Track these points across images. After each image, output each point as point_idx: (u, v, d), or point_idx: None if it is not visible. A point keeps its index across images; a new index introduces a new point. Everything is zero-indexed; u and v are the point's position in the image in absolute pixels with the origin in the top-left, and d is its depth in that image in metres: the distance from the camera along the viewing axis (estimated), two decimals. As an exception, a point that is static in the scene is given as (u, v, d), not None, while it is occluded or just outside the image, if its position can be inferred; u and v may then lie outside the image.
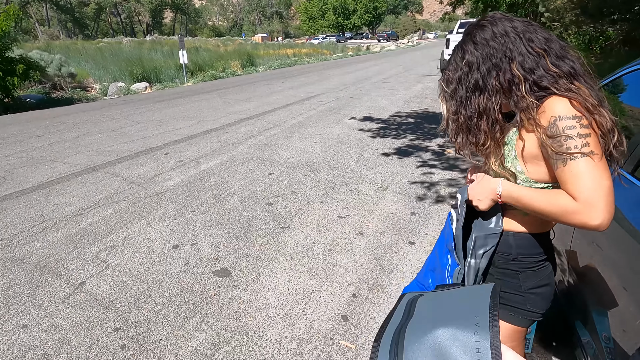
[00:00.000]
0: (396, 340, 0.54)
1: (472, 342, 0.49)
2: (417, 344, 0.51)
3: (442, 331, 0.51)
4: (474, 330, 0.50)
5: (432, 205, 3.84)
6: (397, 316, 0.62)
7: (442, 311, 0.58)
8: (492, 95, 1.06)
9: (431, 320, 0.55)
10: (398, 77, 14.59)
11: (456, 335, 0.50)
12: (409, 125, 7.04)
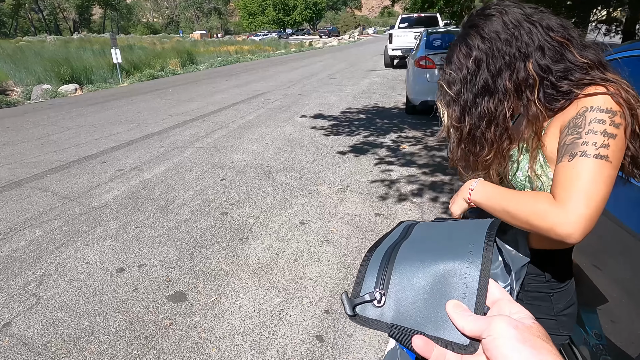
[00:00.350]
0: (389, 255, 0.52)
1: (462, 267, 0.46)
2: (408, 261, 0.49)
3: (434, 253, 0.50)
4: (467, 258, 0.47)
5: (395, 204, 3.72)
6: (393, 236, 0.59)
7: (438, 237, 0.56)
8: (505, 99, 0.89)
9: (426, 242, 0.54)
10: (344, 72, 14.56)
11: (447, 258, 0.48)
12: (361, 122, 6.94)
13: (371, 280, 0.49)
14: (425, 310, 0.45)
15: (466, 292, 0.44)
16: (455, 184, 4.11)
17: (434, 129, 6.29)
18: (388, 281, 0.48)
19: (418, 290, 0.46)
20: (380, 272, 0.49)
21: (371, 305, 0.47)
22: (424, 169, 4.59)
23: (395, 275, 0.48)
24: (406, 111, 7.38)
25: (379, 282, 0.48)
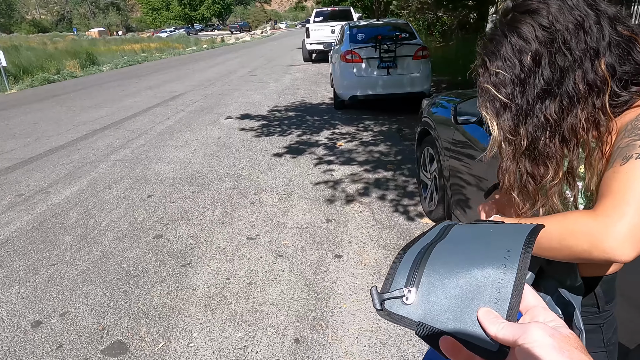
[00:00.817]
0: (422, 254, 0.51)
1: (497, 272, 0.45)
2: (441, 262, 0.48)
3: (469, 256, 0.48)
4: (502, 263, 0.46)
5: (344, 207, 3.57)
6: (429, 236, 0.58)
7: (474, 239, 0.53)
8: (574, 104, 0.73)
9: (461, 244, 0.53)
10: (263, 69, 14.17)
11: (482, 261, 0.46)
12: (292, 120, 6.71)
13: (402, 278, 0.48)
14: (456, 312, 0.44)
15: (499, 298, 0.43)
16: (399, 179, 4.07)
17: (365, 123, 6.26)
18: (419, 280, 0.47)
19: (449, 291, 0.45)
20: (412, 270, 0.48)
21: (400, 301, 0.46)
22: (365, 165, 4.50)
23: (428, 274, 0.47)
24: (335, 106, 7.29)
25: (410, 280, 0.47)
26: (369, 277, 2.59)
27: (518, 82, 0.74)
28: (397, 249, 2.88)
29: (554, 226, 0.73)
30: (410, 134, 5.58)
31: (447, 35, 13.08)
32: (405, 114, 6.64)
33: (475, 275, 0.45)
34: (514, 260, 0.46)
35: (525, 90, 0.74)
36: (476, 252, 0.49)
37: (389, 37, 6.40)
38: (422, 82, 6.39)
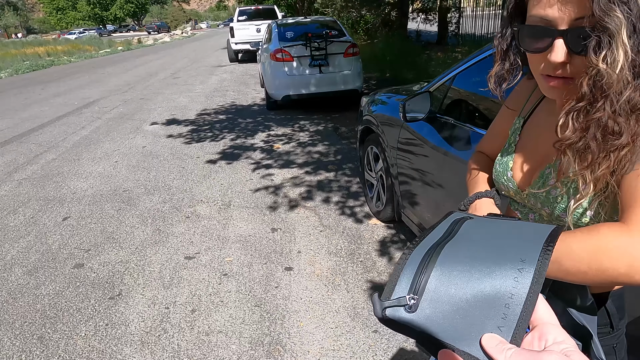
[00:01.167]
0: (429, 254, 0.48)
1: (508, 285, 0.42)
2: (449, 268, 0.46)
3: (479, 263, 0.45)
4: (515, 276, 0.43)
5: (289, 213, 3.37)
6: (439, 230, 0.55)
7: (487, 242, 0.50)
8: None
9: (472, 247, 0.49)
10: (187, 70, 13.47)
11: (492, 273, 0.44)
12: (223, 123, 6.36)
13: (406, 283, 0.46)
14: (460, 324, 0.43)
15: (507, 314, 0.42)
16: (342, 180, 3.96)
17: (301, 123, 6.10)
18: (424, 286, 0.45)
19: (455, 301, 0.43)
20: (417, 274, 0.46)
21: (402, 309, 0.44)
22: (305, 168, 4.33)
23: (433, 280, 0.45)
24: (268, 107, 7.05)
25: (414, 286, 0.45)
26: (324, 288, 2.43)
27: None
28: (349, 254, 2.75)
29: (579, 244, 0.60)
30: (348, 132, 5.52)
31: (372, 33, 13.34)
32: (339, 112, 6.59)
33: (484, 287, 0.43)
34: (527, 272, 0.43)
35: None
36: (487, 261, 0.46)
37: (319, 35, 6.29)
38: (355, 80, 6.37)
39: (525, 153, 0.83)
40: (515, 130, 0.88)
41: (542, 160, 0.79)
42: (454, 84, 2.18)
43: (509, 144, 0.88)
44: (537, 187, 0.77)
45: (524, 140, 0.85)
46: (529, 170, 0.81)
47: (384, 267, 2.61)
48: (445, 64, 8.35)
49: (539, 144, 0.81)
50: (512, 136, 0.88)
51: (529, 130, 0.85)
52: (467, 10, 12.99)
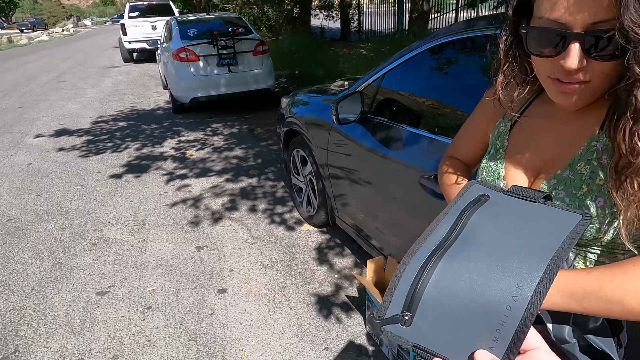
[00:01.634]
0: (428, 262, 0.47)
1: (503, 304, 0.42)
2: (447, 279, 0.45)
3: (479, 276, 0.44)
4: (513, 294, 0.42)
5: (213, 227, 3.11)
6: (442, 228, 0.52)
7: (492, 246, 0.47)
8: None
9: (474, 252, 0.47)
10: (74, 73, 12.05)
11: (491, 289, 0.43)
12: (125, 131, 5.75)
13: (400, 298, 0.46)
14: (454, 338, 0.43)
15: (499, 335, 0.41)
16: (266, 185, 3.77)
17: (213, 126, 5.75)
18: (419, 299, 0.45)
19: (451, 314, 0.43)
20: (413, 287, 0.46)
21: (399, 324, 0.45)
22: (225, 175, 4.06)
23: (430, 292, 0.45)
24: (174, 111, 6.54)
25: (409, 300, 0.45)
26: (264, 308, 2.25)
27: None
28: (285, 267, 2.60)
29: (613, 284, 0.54)
30: (265, 134, 5.32)
31: (276, 30, 13.18)
32: (252, 112, 6.35)
33: (480, 304, 0.43)
34: (527, 289, 0.42)
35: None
36: (489, 272, 0.45)
37: (226, 33, 5.97)
38: (266, 78, 6.17)
39: (519, 160, 0.75)
40: (501, 135, 0.80)
41: (541, 169, 0.73)
42: (383, 84, 2.12)
43: (496, 150, 0.80)
44: None
45: (516, 145, 0.77)
46: (525, 180, 0.74)
47: (324, 275, 2.50)
48: (352, 59, 8.51)
49: (536, 151, 0.74)
50: (497, 141, 0.80)
51: (520, 135, 0.77)
52: (364, 8, 13.46)
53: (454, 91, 1.80)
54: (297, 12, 12.75)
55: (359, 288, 2.38)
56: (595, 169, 0.64)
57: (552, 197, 0.69)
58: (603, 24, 0.54)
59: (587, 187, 0.64)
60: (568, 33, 0.57)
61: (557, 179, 0.68)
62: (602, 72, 0.58)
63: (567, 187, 0.66)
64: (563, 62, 0.58)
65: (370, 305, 1.98)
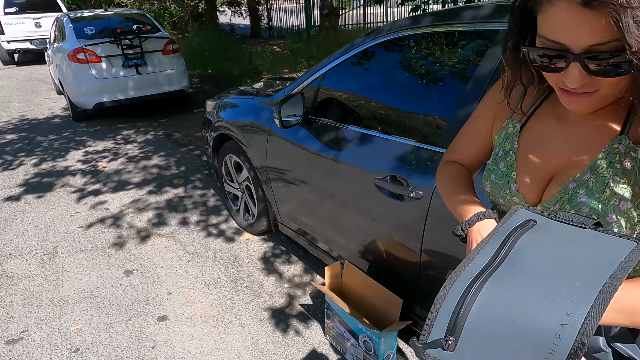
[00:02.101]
0: (472, 286, 0.46)
1: (550, 336, 0.40)
2: (490, 305, 0.43)
3: (524, 306, 0.42)
4: (561, 325, 0.40)
5: (141, 247, 2.81)
6: (487, 251, 0.50)
7: (539, 275, 0.45)
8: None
9: (519, 283, 0.45)
10: (-61, 78, 10.26)
11: (536, 319, 0.41)
12: (16, 145, 5.01)
13: (444, 322, 0.45)
14: None
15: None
16: (195, 195, 3.52)
17: (124, 134, 5.25)
18: (462, 324, 0.44)
19: (495, 341, 0.42)
20: (456, 311, 0.45)
21: (441, 348, 0.44)
22: (146, 187, 3.72)
23: (474, 316, 0.44)
24: (74, 119, 5.85)
25: (452, 325, 0.44)
26: (213, 331, 2.07)
27: None
28: (230, 282, 2.43)
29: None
30: (184, 139, 4.98)
31: (181, 27, 12.48)
32: (166, 116, 5.92)
33: (526, 331, 0.41)
34: (575, 323, 0.39)
35: None
36: (533, 302, 0.42)
37: (130, 31, 5.46)
38: (180, 79, 5.78)
39: (531, 162, 0.72)
40: (510, 136, 0.77)
41: (555, 171, 0.70)
42: (323, 83, 2.05)
43: (505, 152, 0.76)
44: (558, 204, 0.67)
45: (527, 147, 0.74)
46: (539, 183, 0.71)
47: (273, 286, 2.38)
48: (267, 57, 8.34)
49: (550, 152, 0.71)
50: (506, 142, 0.77)
51: (531, 136, 0.74)
52: (275, 4, 13.31)
53: (401, 89, 1.79)
54: (203, 8, 12.19)
55: (313, 295, 2.30)
56: (618, 172, 0.62)
57: (570, 202, 0.66)
58: (602, 45, 0.53)
59: (610, 190, 0.62)
60: (567, 54, 0.55)
61: (578, 182, 0.66)
62: (609, 83, 0.57)
63: (588, 190, 0.64)
64: (565, 80, 0.58)
65: (330, 312, 1.92)
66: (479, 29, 1.44)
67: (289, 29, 12.27)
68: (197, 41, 9.36)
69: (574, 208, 0.65)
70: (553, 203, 0.68)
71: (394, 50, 1.78)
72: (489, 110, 0.83)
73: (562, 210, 0.66)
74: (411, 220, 1.55)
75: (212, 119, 2.93)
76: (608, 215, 0.62)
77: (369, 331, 1.68)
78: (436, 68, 1.63)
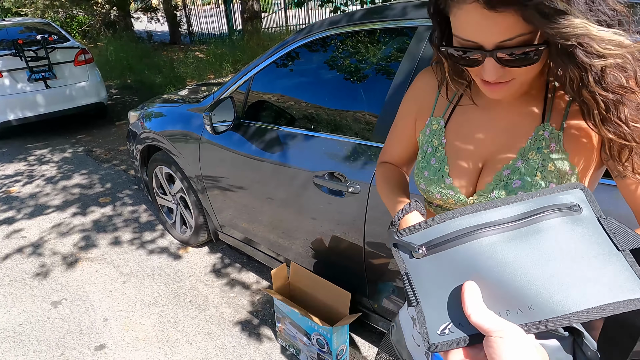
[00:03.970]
0: (482, 227, 0.47)
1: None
2: (494, 252, 0.45)
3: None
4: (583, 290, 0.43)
5: (69, 274, 2.59)
6: (514, 208, 0.48)
7: (566, 249, 0.45)
8: None
9: (544, 249, 0.45)
10: None
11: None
12: None
13: (430, 235, 0.48)
14: (445, 296, 0.45)
15: (527, 311, 0.43)
16: (124, 212, 3.31)
17: (36, 154, 4.80)
18: (445, 247, 0.47)
19: (461, 279, 0.45)
20: (449, 236, 0.47)
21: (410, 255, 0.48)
22: (68, 209, 3.43)
23: (462, 251, 0.46)
24: (-25, 141, 5.26)
25: (434, 242, 0.47)
26: (159, 352, 1.97)
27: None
28: (172, 299, 2.32)
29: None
30: (106, 154, 4.67)
31: (93, 35, 11.68)
32: (84, 131, 5.51)
33: (516, 288, 0.44)
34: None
35: None
36: (537, 272, 0.44)
37: (34, 41, 5.01)
38: (97, 91, 5.41)
39: (462, 154, 0.76)
40: (436, 132, 0.80)
41: (486, 160, 0.74)
42: (253, 87, 2.03)
43: (434, 148, 0.79)
44: (494, 191, 0.71)
45: (455, 140, 0.77)
46: (472, 173, 0.75)
47: (219, 298, 2.31)
48: (189, 63, 8.07)
49: (479, 143, 0.74)
50: (433, 139, 0.80)
51: (458, 129, 0.77)
52: (193, 9, 12.91)
53: (331, 88, 1.82)
54: (115, 15, 11.50)
55: (261, 301, 2.26)
56: (546, 156, 0.67)
57: (506, 187, 0.70)
58: (510, 40, 0.57)
59: (540, 174, 0.67)
60: (481, 51, 0.59)
61: (511, 169, 0.70)
62: (525, 71, 0.61)
63: (521, 176, 0.68)
64: (483, 73, 0.62)
65: (280, 316, 1.90)
66: (398, 26, 1.51)
67: (211, 34, 11.98)
68: (111, 50, 8.81)
69: (510, 194, 0.69)
70: (489, 190, 0.72)
71: (321, 50, 1.81)
72: (410, 111, 0.87)
73: (498, 197, 0.70)
74: (352, 215, 1.59)
75: (137, 131, 2.78)
76: None
77: (321, 328, 1.69)
78: (362, 66, 1.68)
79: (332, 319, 1.78)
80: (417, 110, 0.85)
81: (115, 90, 7.85)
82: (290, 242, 2.01)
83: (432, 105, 0.82)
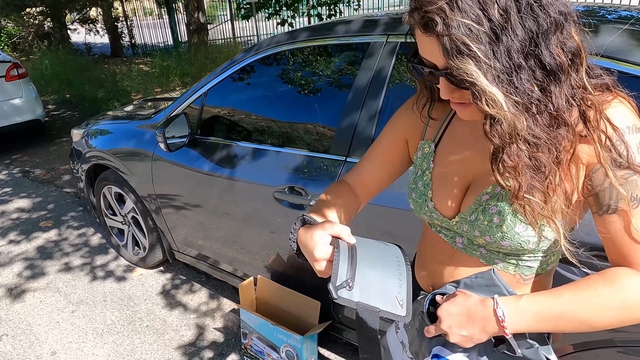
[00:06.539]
0: (352, 255, 0.68)
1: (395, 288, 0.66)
2: (364, 263, 0.67)
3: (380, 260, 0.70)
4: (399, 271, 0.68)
5: (11, 306, 2.40)
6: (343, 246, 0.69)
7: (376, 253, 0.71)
8: (556, 76, 0.58)
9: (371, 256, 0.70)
10: None
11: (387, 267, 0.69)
12: None
13: (343, 272, 0.65)
14: (379, 289, 0.65)
15: (401, 278, 0.68)
16: (71, 236, 3.12)
17: (-35, 177, 4.41)
18: (354, 274, 0.65)
19: (373, 277, 0.66)
20: (349, 265, 0.66)
21: (345, 289, 0.64)
22: (7, 236, 3.18)
23: (359, 270, 0.66)
24: None
25: (348, 273, 0.64)
26: (116, 383, 1.86)
27: (492, 39, 0.55)
28: (128, 324, 2.20)
29: (596, 301, 0.62)
30: (46, 174, 4.38)
31: (25, 48, 10.96)
32: (20, 151, 5.14)
33: (385, 269, 0.68)
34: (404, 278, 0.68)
35: (500, 50, 0.55)
36: (381, 265, 0.69)
37: (-42, 56, 4.62)
38: (32, 107, 5.07)
39: (445, 179, 0.77)
40: (427, 156, 0.81)
41: (470, 184, 0.75)
42: (207, 102, 2.00)
43: (422, 172, 0.80)
44: (473, 215, 0.72)
45: (443, 163, 0.78)
46: (455, 198, 0.76)
47: (178, 320, 2.23)
48: (133, 76, 7.78)
49: (464, 167, 0.76)
50: (423, 162, 0.81)
51: (446, 152, 0.78)
52: (135, 20, 12.49)
53: (287, 102, 1.83)
54: (49, 26, 10.88)
55: (224, 320, 2.21)
56: None
57: (484, 212, 0.71)
58: None
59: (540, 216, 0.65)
60: (435, 71, 0.62)
61: (490, 195, 0.71)
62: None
63: (498, 202, 0.69)
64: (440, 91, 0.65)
65: (247, 331, 1.87)
66: (352, 42, 1.55)
67: (155, 46, 11.62)
68: (47, 63, 8.31)
69: (487, 219, 0.70)
70: (469, 214, 0.73)
71: (276, 65, 1.82)
72: (398, 133, 0.86)
73: (477, 220, 0.71)
74: (314, 228, 1.59)
75: (82, 149, 2.64)
76: (516, 226, 0.67)
77: (291, 338, 1.68)
78: (318, 80, 1.71)
79: (302, 329, 1.77)
80: (406, 133, 0.85)
81: (53, 105, 7.40)
82: (250, 258, 1.99)
83: (424, 128, 0.83)
